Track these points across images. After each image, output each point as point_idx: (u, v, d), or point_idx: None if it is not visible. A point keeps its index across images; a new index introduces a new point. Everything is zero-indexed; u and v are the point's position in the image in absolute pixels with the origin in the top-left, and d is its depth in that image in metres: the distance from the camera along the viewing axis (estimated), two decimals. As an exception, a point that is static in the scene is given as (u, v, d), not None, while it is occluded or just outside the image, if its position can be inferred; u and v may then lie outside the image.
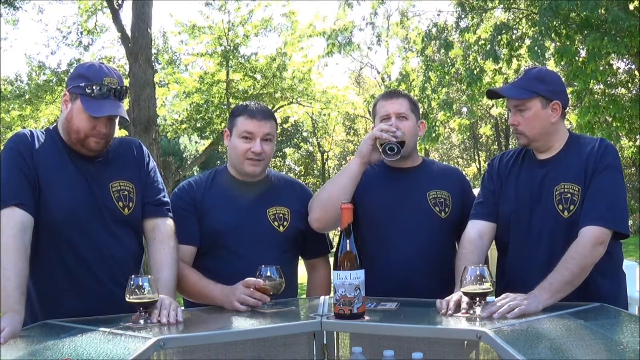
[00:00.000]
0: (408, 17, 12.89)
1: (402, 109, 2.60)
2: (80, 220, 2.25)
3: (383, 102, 2.64)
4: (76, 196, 2.26)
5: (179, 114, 15.02)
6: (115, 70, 2.31)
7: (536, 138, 2.38)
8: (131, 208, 2.36)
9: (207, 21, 13.71)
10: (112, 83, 2.24)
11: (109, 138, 2.32)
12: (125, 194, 2.35)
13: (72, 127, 2.26)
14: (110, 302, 2.22)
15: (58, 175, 2.25)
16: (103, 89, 2.22)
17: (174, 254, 2.35)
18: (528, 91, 2.35)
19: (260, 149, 2.53)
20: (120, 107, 2.27)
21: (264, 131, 2.54)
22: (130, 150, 2.45)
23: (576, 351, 1.66)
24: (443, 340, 2.12)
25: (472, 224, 2.45)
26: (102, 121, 2.24)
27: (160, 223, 2.41)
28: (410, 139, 2.60)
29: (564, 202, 2.30)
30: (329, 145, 27.15)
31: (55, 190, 2.23)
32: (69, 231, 2.24)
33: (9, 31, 34.58)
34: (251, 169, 2.56)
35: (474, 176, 24.54)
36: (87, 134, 2.25)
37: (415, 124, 2.63)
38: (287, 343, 2.22)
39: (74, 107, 2.25)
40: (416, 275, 2.48)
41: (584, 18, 9.11)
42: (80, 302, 2.24)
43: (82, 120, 2.23)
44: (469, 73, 10.51)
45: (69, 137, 2.30)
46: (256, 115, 2.55)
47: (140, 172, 2.43)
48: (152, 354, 1.75)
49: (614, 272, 2.40)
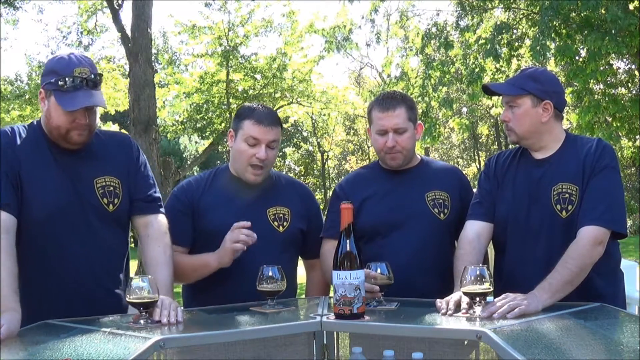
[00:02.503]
0: (408, 17, 12.87)
1: (399, 122, 2.54)
2: (63, 219, 2.23)
3: (379, 114, 2.56)
4: (59, 195, 2.23)
5: (179, 115, 15.02)
6: (86, 58, 2.26)
7: (525, 136, 2.38)
8: (116, 204, 2.33)
9: (207, 21, 13.71)
10: (84, 72, 2.19)
11: (92, 128, 2.28)
12: (110, 189, 2.32)
13: (52, 124, 2.23)
14: (92, 302, 2.23)
15: (40, 173, 2.23)
16: (76, 81, 2.17)
17: (169, 252, 2.35)
18: (519, 88, 2.36)
19: (265, 156, 2.51)
20: (94, 96, 2.20)
21: (269, 138, 2.52)
22: (118, 146, 2.42)
23: (576, 351, 1.66)
24: (443, 340, 2.12)
25: (470, 225, 2.45)
26: (80, 113, 2.20)
27: (153, 220, 2.39)
28: (410, 148, 2.59)
29: (562, 202, 2.30)
30: (329, 145, 27.14)
31: (38, 189, 2.21)
32: (51, 230, 2.22)
33: (9, 31, 34.63)
34: (253, 178, 2.55)
35: (474, 176, 24.52)
36: (68, 128, 2.21)
37: (413, 130, 2.60)
38: (287, 343, 2.22)
39: (50, 104, 2.22)
40: (416, 276, 2.47)
41: (584, 18, 9.11)
42: (63, 302, 2.22)
43: (60, 115, 2.20)
44: (470, 72, 10.51)
45: (51, 134, 2.27)
46: (263, 121, 2.52)
47: (129, 167, 2.40)
48: (152, 354, 1.75)
49: (612, 272, 2.40)
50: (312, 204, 2.80)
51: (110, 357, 1.64)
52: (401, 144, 2.55)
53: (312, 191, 2.98)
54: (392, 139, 2.54)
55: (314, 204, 2.81)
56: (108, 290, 2.34)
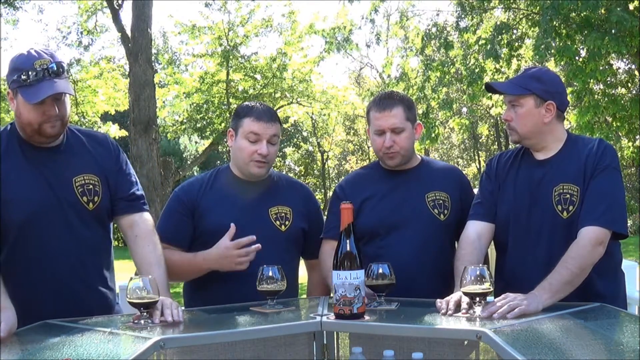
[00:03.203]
0: (408, 17, 12.87)
1: (397, 121, 2.53)
2: (42, 219, 2.22)
3: (376, 114, 2.55)
4: (35, 195, 2.22)
5: (179, 115, 15.02)
6: (45, 50, 2.24)
7: (527, 135, 2.38)
8: (96, 202, 2.31)
9: (207, 21, 13.72)
10: (44, 63, 2.16)
11: (65, 119, 2.25)
12: (90, 188, 2.30)
13: (23, 121, 2.21)
14: (79, 301, 2.24)
15: (15, 175, 2.22)
16: (38, 74, 2.15)
17: (160, 250, 2.34)
18: (522, 88, 2.35)
19: (267, 151, 2.52)
20: (57, 84, 2.16)
21: (270, 133, 2.54)
22: (96, 143, 2.40)
23: (576, 351, 1.66)
24: (443, 340, 2.12)
25: (471, 225, 2.45)
26: (48, 104, 2.17)
27: (138, 219, 2.38)
28: (408, 147, 2.59)
29: (563, 202, 2.30)
30: (329, 145, 27.15)
31: (14, 190, 2.19)
32: (32, 231, 2.21)
33: (9, 31, 34.64)
34: (257, 170, 2.56)
35: (474, 176, 24.53)
36: (39, 121, 2.19)
37: (411, 130, 2.60)
38: (287, 343, 2.22)
39: (18, 102, 2.20)
40: (416, 277, 2.47)
41: (585, 18, 9.11)
42: (50, 302, 2.21)
43: (29, 111, 2.18)
44: (470, 72, 10.51)
45: (24, 132, 2.25)
46: (263, 117, 2.54)
47: (109, 165, 2.38)
48: (152, 354, 1.75)
49: (613, 272, 2.40)
50: (313, 204, 2.80)
51: (110, 357, 1.64)
52: (399, 143, 2.55)
53: (312, 191, 2.98)
54: (389, 138, 2.54)
55: (314, 204, 2.81)
56: (94, 288, 2.34)
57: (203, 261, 2.47)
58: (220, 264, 2.44)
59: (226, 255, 2.42)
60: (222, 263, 2.44)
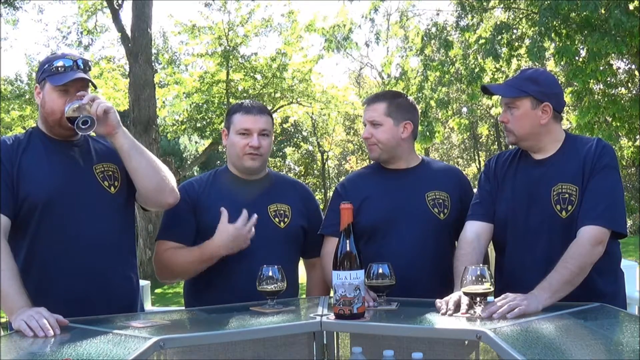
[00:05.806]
0: (408, 16, 12.88)
1: (375, 115, 2.62)
2: (64, 204, 2.26)
3: (364, 109, 2.72)
4: (58, 181, 2.26)
5: (179, 115, 15.03)
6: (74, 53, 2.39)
7: (524, 137, 2.38)
8: (117, 187, 2.37)
9: (207, 21, 13.73)
10: (73, 57, 2.30)
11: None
12: (109, 174, 2.37)
13: (47, 110, 2.29)
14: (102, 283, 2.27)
15: (37, 165, 2.27)
16: (67, 62, 2.27)
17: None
18: (519, 90, 2.35)
19: (258, 143, 2.57)
20: (84, 73, 2.29)
21: (260, 126, 2.58)
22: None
23: (576, 351, 1.66)
24: (443, 340, 2.12)
25: (470, 225, 2.45)
26: (71, 93, 2.26)
27: None
28: (386, 142, 2.61)
29: (562, 202, 2.30)
30: (329, 145, 27.13)
31: (36, 177, 2.24)
32: (52, 214, 2.24)
33: (9, 31, 34.59)
34: (250, 162, 2.59)
35: (474, 176, 24.52)
36: (62, 109, 2.26)
37: (392, 126, 2.61)
38: (287, 343, 2.22)
39: (44, 92, 2.29)
40: (415, 276, 2.47)
41: (584, 18, 9.11)
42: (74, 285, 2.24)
43: (54, 99, 2.26)
44: (469, 72, 10.51)
45: (47, 125, 2.32)
46: (252, 111, 2.60)
47: None
48: (152, 354, 1.75)
49: (613, 272, 2.40)
50: (312, 203, 2.81)
51: (110, 357, 1.64)
52: (375, 136, 2.61)
53: (312, 191, 2.99)
54: (367, 130, 2.65)
55: (313, 203, 2.82)
56: (120, 272, 2.37)
57: (216, 248, 2.45)
58: (231, 248, 2.44)
59: (237, 235, 2.43)
60: (233, 245, 2.44)
